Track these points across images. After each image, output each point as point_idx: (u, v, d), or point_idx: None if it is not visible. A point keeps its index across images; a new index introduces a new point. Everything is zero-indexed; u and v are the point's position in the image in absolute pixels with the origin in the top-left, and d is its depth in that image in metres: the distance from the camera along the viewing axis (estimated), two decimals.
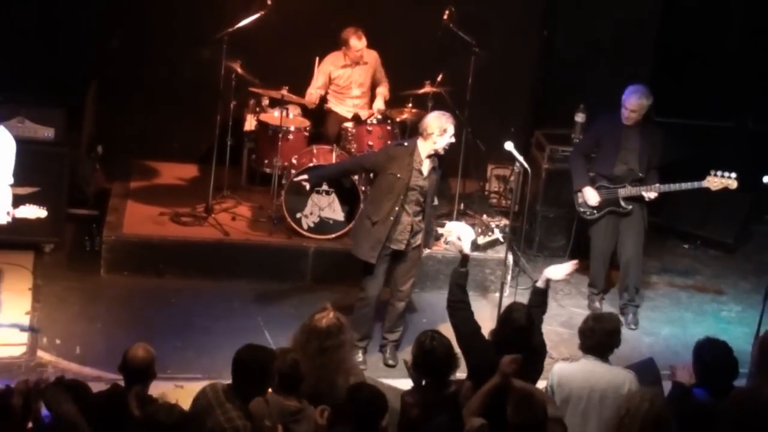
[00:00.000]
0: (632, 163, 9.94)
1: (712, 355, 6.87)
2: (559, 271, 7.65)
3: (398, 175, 8.72)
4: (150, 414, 5.99)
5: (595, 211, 10.05)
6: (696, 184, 9.76)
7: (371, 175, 9.40)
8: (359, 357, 8.95)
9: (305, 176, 9.37)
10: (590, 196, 10.00)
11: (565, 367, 7.15)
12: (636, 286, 10.25)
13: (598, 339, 7.04)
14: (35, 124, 9.89)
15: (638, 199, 9.93)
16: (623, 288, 10.29)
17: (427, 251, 9.35)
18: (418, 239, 8.98)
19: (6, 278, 9.77)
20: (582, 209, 10.11)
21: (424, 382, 6.71)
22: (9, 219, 8.58)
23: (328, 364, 6.72)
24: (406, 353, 7.65)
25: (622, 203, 9.96)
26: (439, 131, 8.66)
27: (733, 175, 9.65)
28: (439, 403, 6.56)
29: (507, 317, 6.94)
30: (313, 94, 10.99)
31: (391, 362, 9.11)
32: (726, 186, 9.67)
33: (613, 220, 10.08)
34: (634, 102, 9.80)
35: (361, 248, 8.96)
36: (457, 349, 6.90)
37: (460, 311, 7.25)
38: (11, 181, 8.77)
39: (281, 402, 6.42)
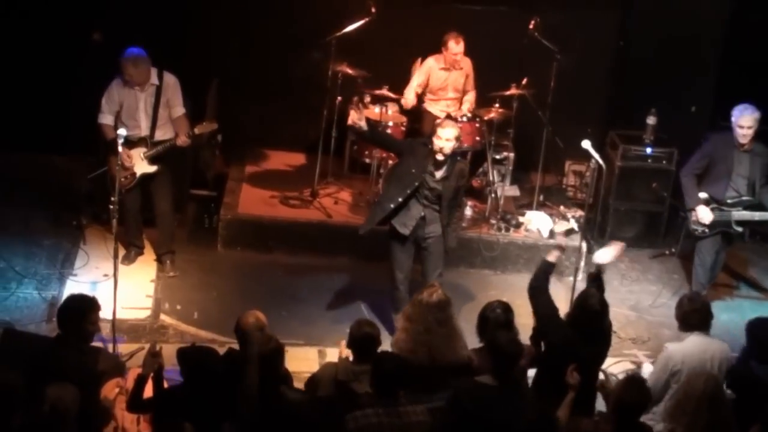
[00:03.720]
0: (742, 189, 9.39)
1: (762, 331, 7.03)
2: (605, 254, 7.55)
3: (412, 170, 8.45)
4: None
5: (707, 230, 9.49)
6: None
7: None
8: None
9: (364, 125, 8.64)
10: (704, 215, 9.41)
11: (680, 347, 7.10)
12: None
13: (704, 315, 7.15)
14: None
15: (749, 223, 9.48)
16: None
17: (452, 246, 8.88)
18: (434, 230, 8.59)
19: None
20: (694, 227, 9.54)
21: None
22: (189, 141, 9.24)
23: (449, 334, 6.82)
24: None
25: (734, 226, 9.45)
26: (437, 133, 8.40)
27: None
28: None
29: (583, 303, 6.89)
30: (409, 96, 10.82)
31: None
32: None
33: (721, 236, 9.60)
34: (747, 118, 9.22)
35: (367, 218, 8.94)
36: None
37: (540, 295, 7.15)
38: (184, 110, 9.33)
39: (349, 365, 6.52)
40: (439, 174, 8.48)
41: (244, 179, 11.06)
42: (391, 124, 10.61)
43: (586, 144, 8.81)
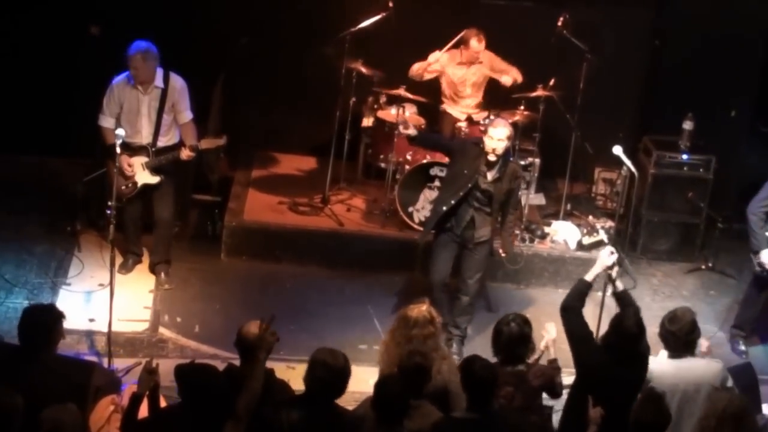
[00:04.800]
0: None
1: None
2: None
3: (465, 171, 8.64)
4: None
5: None
6: None
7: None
8: (453, 348, 8.80)
9: (412, 131, 8.99)
10: (766, 259, 9.05)
11: (656, 365, 6.99)
12: None
13: (682, 339, 6.98)
14: None
15: None
16: None
17: (503, 254, 9.13)
18: (484, 234, 8.76)
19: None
20: (760, 269, 9.19)
21: (497, 359, 6.81)
22: (193, 155, 9.17)
23: (413, 351, 6.67)
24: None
25: None
26: (489, 133, 8.56)
27: None
28: (508, 379, 6.68)
29: (619, 324, 6.78)
30: (421, 68, 10.68)
31: (455, 357, 8.32)
32: None
33: None
34: None
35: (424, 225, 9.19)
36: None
37: (574, 316, 7.04)
38: (191, 116, 9.25)
39: None
40: (490, 175, 8.64)
41: (250, 184, 11.05)
42: None
43: (617, 150, 8.76)
